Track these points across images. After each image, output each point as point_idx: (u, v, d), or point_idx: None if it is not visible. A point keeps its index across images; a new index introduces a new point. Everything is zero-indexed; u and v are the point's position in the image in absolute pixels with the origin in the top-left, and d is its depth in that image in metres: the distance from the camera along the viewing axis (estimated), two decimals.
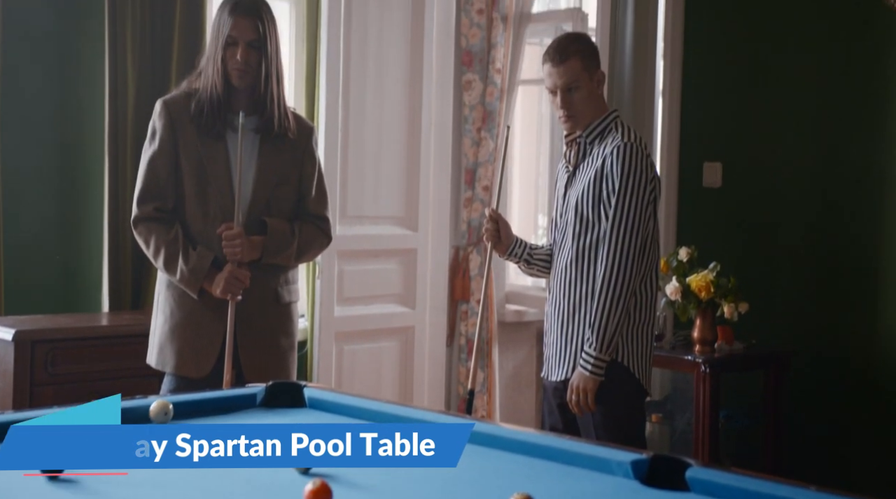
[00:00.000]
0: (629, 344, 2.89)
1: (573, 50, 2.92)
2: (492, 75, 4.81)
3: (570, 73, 2.89)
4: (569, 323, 2.94)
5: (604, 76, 3.00)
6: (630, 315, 2.87)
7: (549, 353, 3.02)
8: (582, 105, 2.92)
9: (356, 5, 4.32)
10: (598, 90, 2.96)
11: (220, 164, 3.01)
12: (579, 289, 2.91)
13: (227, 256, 2.96)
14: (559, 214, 3.03)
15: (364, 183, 4.41)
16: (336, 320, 4.34)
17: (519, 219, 5.57)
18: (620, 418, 2.89)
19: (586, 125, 2.95)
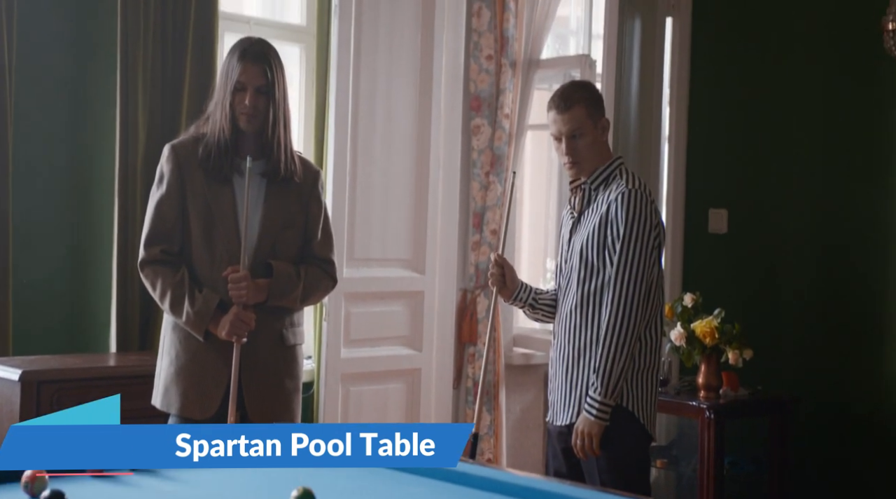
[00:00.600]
0: (634, 389, 2.89)
1: (577, 97, 2.96)
2: (500, 120, 4.85)
3: (575, 121, 2.93)
4: (574, 368, 2.95)
5: (608, 123, 3.03)
6: (635, 360, 2.88)
7: (554, 397, 3.03)
8: (586, 152, 2.95)
9: (365, 49, 4.38)
10: (602, 137, 2.99)
11: (227, 207, 3.04)
12: (584, 334, 2.93)
13: (233, 298, 2.98)
14: (564, 260, 3.05)
15: (372, 226, 4.45)
16: (342, 362, 4.36)
17: (528, 263, 5.59)
18: (625, 463, 2.89)
19: (591, 172, 2.98)
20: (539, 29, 4.90)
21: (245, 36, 3.19)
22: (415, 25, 4.56)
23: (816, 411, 4.07)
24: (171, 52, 3.95)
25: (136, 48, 3.86)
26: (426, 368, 4.66)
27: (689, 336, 3.90)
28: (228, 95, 3.00)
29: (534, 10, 4.89)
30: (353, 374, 4.40)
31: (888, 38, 3.73)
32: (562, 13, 5.34)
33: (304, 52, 4.57)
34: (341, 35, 4.27)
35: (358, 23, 4.34)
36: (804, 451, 4.08)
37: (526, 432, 5.07)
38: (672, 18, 4.33)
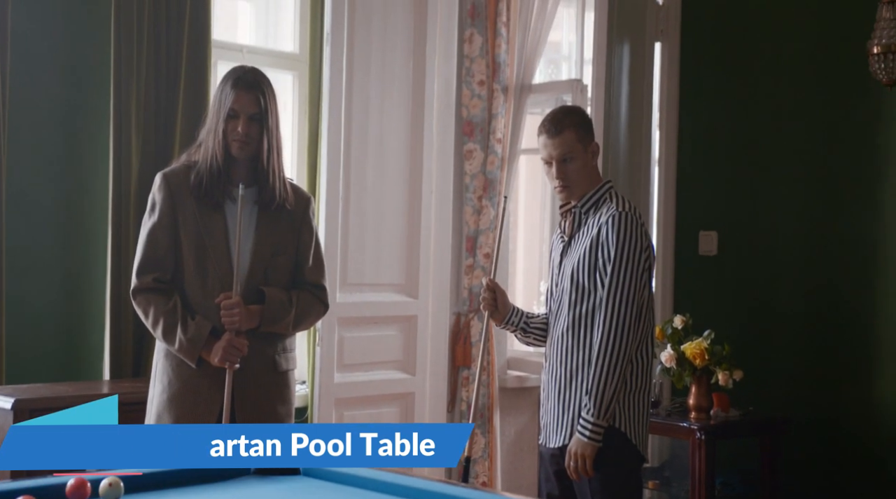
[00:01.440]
0: (626, 410, 2.91)
1: (568, 122, 3.00)
2: (493, 145, 4.88)
3: (565, 145, 2.97)
4: (566, 389, 2.97)
5: (598, 148, 3.06)
6: (626, 382, 2.90)
7: (547, 420, 3.05)
8: (576, 176, 2.98)
9: (358, 76, 4.42)
10: (592, 161, 3.02)
11: (219, 235, 3.07)
12: (576, 356, 2.95)
13: (226, 325, 3.00)
14: (555, 284, 3.08)
15: (365, 250, 4.47)
16: (336, 387, 4.37)
17: (523, 286, 5.61)
18: (618, 484, 2.91)
19: (581, 196, 3.01)
20: (531, 54, 4.94)
21: (238, 64, 3.23)
22: (407, 52, 4.60)
23: (807, 432, 4.08)
24: (164, 80, 3.99)
25: (130, 76, 3.89)
26: (420, 392, 4.67)
27: (679, 358, 3.92)
28: (221, 123, 3.03)
29: (525, 36, 4.93)
30: (347, 398, 4.41)
31: (873, 62, 3.77)
32: (553, 38, 5.38)
33: (296, 79, 4.61)
34: (333, 62, 4.31)
35: (350, 50, 4.38)
36: (795, 471, 4.09)
37: (520, 455, 5.07)
38: (660, 43, 4.37)
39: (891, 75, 3.75)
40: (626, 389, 2.90)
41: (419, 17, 4.62)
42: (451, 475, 4.82)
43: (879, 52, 3.74)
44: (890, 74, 3.75)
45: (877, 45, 3.74)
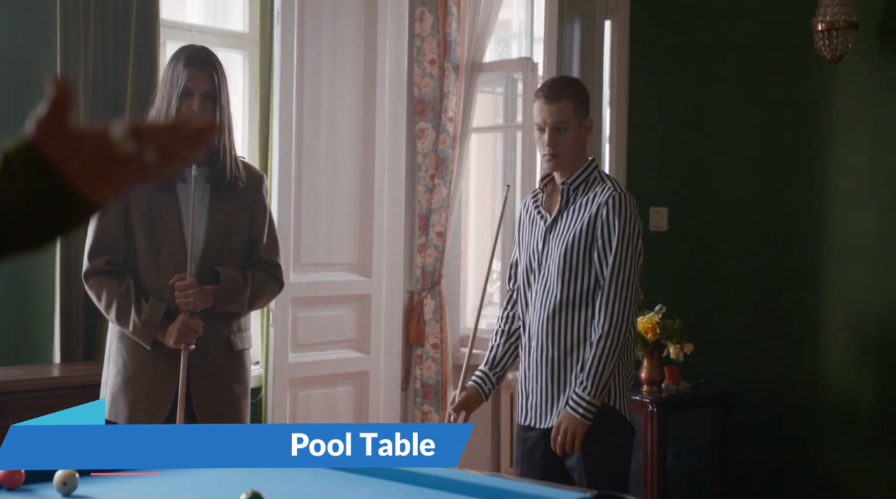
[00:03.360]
0: (619, 386, 2.93)
1: (567, 91, 2.96)
2: (444, 124, 4.89)
3: (562, 113, 2.93)
4: (560, 369, 2.94)
5: (591, 124, 3.04)
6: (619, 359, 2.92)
7: (535, 401, 3.00)
8: (567, 147, 2.94)
9: (309, 55, 4.40)
10: (584, 136, 2.99)
11: (171, 215, 3.06)
12: (571, 334, 2.93)
13: (180, 306, 2.99)
14: (535, 260, 3.02)
15: (318, 230, 4.46)
16: (290, 367, 4.37)
17: (474, 264, 5.63)
18: (613, 458, 2.94)
19: (570, 171, 2.97)
20: (481, 33, 4.96)
21: (187, 44, 3.21)
22: (358, 31, 4.59)
23: (757, 403, 4.16)
24: (112, 61, 3.94)
25: (77, 56, 3.84)
26: (374, 371, 4.69)
27: None
28: (175, 101, 3.01)
29: (476, 14, 4.94)
30: (301, 378, 4.42)
31: (818, 39, 3.83)
32: (504, 17, 5.40)
33: (247, 58, 4.58)
34: (284, 42, 4.28)
35: (301, 29, 4.36)
36: (744, 441, 4.18)
37: (475, 431, 5.11)
38: (610, 22, 4.40)
39: (835, 52, 3.81)
40: (618, 365, 2.92)
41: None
42: None
43: (824, 29, 3.79)
44: (834, 51, 3.81)
45: (821, 23, 3.80)
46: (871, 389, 3.94)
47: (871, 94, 3.92)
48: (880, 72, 3.88)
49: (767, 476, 4.19)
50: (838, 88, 3.98)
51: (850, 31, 3.77)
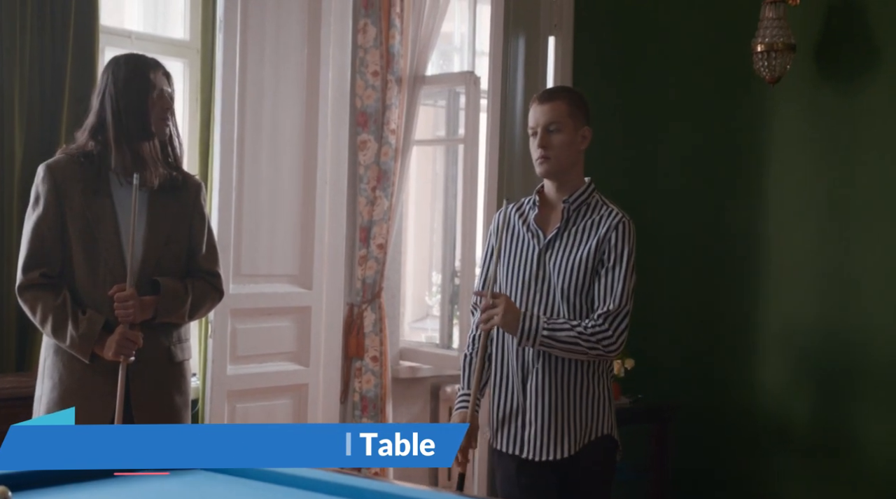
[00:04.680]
0: (613, 415, 2.90)
1: (563, 94, 2.90)
2: (387, 136, 4.88)
3: (554, 113, 2.82)
4: (568, 396, 2.84)
5: (589, 134, 2.90)
6: (608, 386, 2.89)
7: (534, 431, 2.85)
8: (559, 149, 2.82)
9: (251, 64, 4.36)
10: (580, 144, 2.87)
11: (109, 225, 2.99)
12: (576, 363, 2.83)
13: (119, 318, 2.94)
14: (526, 280, 2.87)
15: (258, 241, 4.42)
16: (228, 379, 4.31)
17: (413, 277, 5.63)
18: (609, 484, 2.94)
19: (567, 186, 2.87)
20: (424, 46, 4.97)
21: (129, 52, 3.16)
22: (301, 41, 4.56)
23: (695, 417, 4.22)
24: (49, 67, 3.86)
25: (13, 62, 3.76)
26: (313, 384, 4.65)
27: None
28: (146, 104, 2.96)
29: (419, 27, 4.95)
30: (240, 391, 4.36)
31: (757, 60, 3.90)
32: (446, 30, 5.41)
33: (187, 67, 4.52)
34: (226, 50, 4.24)
35: (243, 38, 4.32)
36: (683, 455, 4.23)
37: None
38: (554, 37, 4.44)
39: (773, 73, 3.89)
40: (609, 392, 2.88)
41: (313, 6, 4.59)
42: None
43: (763, 50, 3.87)
44: (773, 72, 3.89)
45: (760, 44, 3.88)
46: (805, 403, 4.02)
47: (808, 114, 4.01)
48: (817, 92, 3.97)
49: (706, 489, 4.24)
50: (777, 108, 4.07)
51: (788, 53, 3.86)
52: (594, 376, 2.87)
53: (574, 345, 2.76)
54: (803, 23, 3.93)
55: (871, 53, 3.83)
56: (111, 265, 2.98)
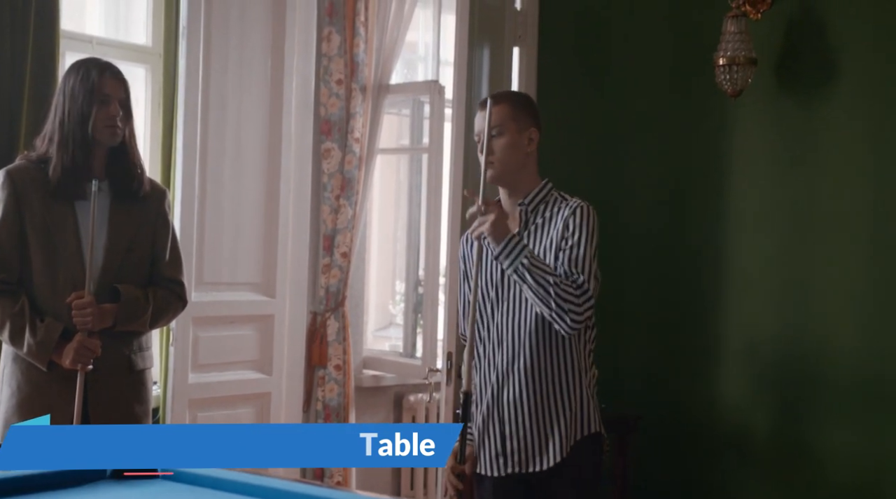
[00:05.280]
0: (595, 409, 2.84)
1: (506, 97, 2.86)
2: (351, 144, 4.88)
3: (496, 117, 2.76)
4: (550, 401, 2.77)
5: (536, 136, 2.84)
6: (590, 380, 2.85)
7: (516, 445, 2.78)
8: (503, 153, 2.76)
9: (215, 71, 4.34)
10: (526, 147, 2.81)
11: (69, 232, 2.97)
12: (559, 362, 2.78)
13: (78, 325, 2.92)
14: (493, 291, 2.82)
15: (221, 249, 4.39)
16: (190, 387, 4.28)
17: (377, 286, 5.62)
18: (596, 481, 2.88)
19: (520, 190, 2.82)
20: (388, 54, 4.97)
21: (86, 57, 3.14)
22: (265, 48, 4.54)
23: (657, 428, 4.24)
24: (8, 72, 3.80)
25: None
26: (276, 392, 4.63)
27: None
28: (89, 108, 2.94)
29: (383, 36, 4.95)
30: (202, 399, 4.33)
31: (719, 73, 3.94)
32: (410, 39, 5.41)
33: (149, 73, 4.48)
34: (189, 57, 4.21)
35: (207, 44, 4.29)
36: (645, 467, 4.25)
37: None
38: (519, 49, 4.45)
39: (735, 86, 3.93)
40: (591, 385, 2.83)
41: (277, 14, 4.57)
42: (306, 475, 4.79)
43: (725, 63, 3.91)
44: (734, 85, 3.93)
45: (722, 58, 3.92)
46: (766, 415, 4.05)
47: (769, 128, 4.05)
48: (777, 106, 4.02)
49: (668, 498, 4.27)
50: (738, 121, 4.11)
51: (749, 67, 3.90)
52: (574, 373, 2.79)
53: (544, 288, 2.64)
54: (764, 37, 3.97)
55: (830, 67, 3.88)
56: (71, 272, 2.95)
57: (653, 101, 4.36)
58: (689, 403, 4.22)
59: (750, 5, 3.98)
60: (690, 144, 4.26)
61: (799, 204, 3.97)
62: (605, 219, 4.46)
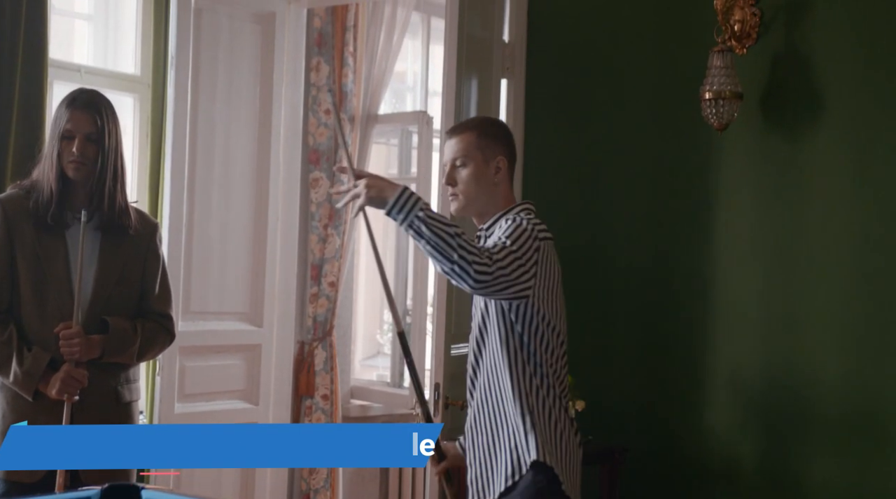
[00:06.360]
0: (540, 437, 2.64)
1: (471, 125, 2.75)
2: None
3: (459, 146, 2.68)
4: (497, 425, 2.68)
5: (504, 164, 2.72)
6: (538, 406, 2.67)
7: (474, 473, 2.72)
8: (467, 185, 2.68)
9: (203, 100, 4.35)
10: (493, 176, 2.69)
11: (59, 262, 2.98)
12: (496, 393, 2.67)
13: (65, 355, 2.92)
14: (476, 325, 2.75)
15: (209, 278, 4.39)
16: (176, 417, 4.26)
17: (365, 314, 5.62)
18: None
19: (480, 214, 2.72)
20: (377, 85, 4.99)
21: (75, 88, 3.15)
22: (253, 78, 4.56)
23: (644, 459, 4.24)
24: None
25: None
26: (263, 421, 4.61)
27: None
28: (56, 144, 2.95)
29: (372, 66, 4.97)
30: None
31: (705, 107, 3.97)
32: (399, 69, 5.44)
33: (138, 102, 4.49)
34: (178, 86, 4.22)
35: (195, 74, 4.31)
36: (632, 497, 4.24)
37: (362, 484, 5.06)
38: (507, 80, 4.48)
39: (721, 120, 3.96)
40: (537, 412, 2.64)
41: (266, 44, 4.60)
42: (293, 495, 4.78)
43: (711, 97, 3.94)
44: (720, 119, 3.96)
45: (708, 91, 3.95)
46: (753, 445, 4.06)
47: (755, 161, 4.08)
48: (763, 140, 4.05)
49: None
50: (724, 155, 4.13)
51: (735, 101, 3.93)
52: (514, 401, 2.64)
53: (444, 240, 2.44)
54: (750, 71, 4.01)
55: (815, 102, 3.91)
56: (60, 302, 2.96)
57: (639, 134, 4.39)
58: (677, 434, 4.22)
59: (735, 40, 4.02)
60: (677, 177, 4.28)
61: (785, 237, 3.99)
62: (592, 250, 4.50)
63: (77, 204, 2.98)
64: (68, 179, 2.98)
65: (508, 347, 2.67)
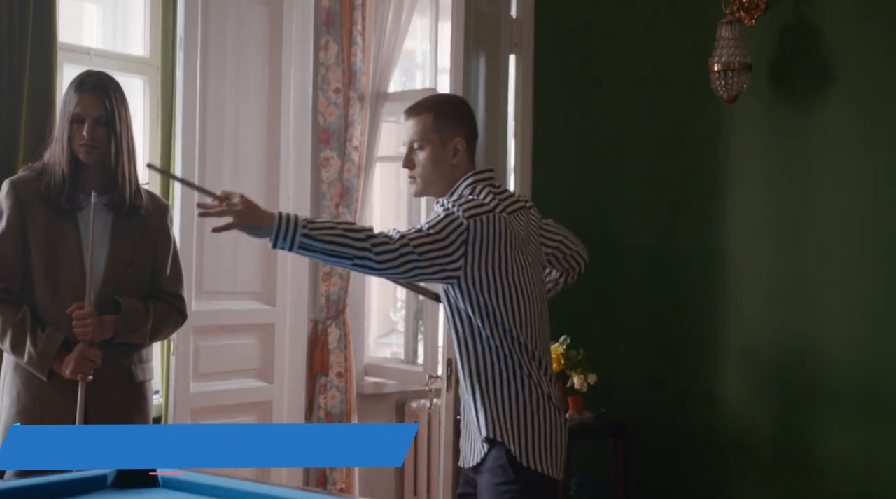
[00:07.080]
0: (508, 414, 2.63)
1: (428, 106, 2.70)
2: (349, 152, 4.89)
3: (416, 129, 2.66)
4: (469, 404, 2.69)
5: (463, 145, 2.69)
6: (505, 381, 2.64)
7: (463, 440, 2.78)
8: (425, 168, 2.67)
9: (212, 81, 4.35)
10: (451, 159, 2.67)
11: (71, 243, 3.00)
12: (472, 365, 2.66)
13: (78, 336, 2.94)
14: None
15: (221, 258, 4.40)
16: (192, 397, 4.29)
17: (378, 292, 5.63)
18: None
19: (439, 194, 2.70)
20: (386, 63, 4.98)
21: (86, 69, 3.16)
22: (262, 58, 4.56)
23: (656, 432, 4.25)
24: (6, 84, 3.82)
25: None
26: (278, 401, 4.64)
27: None
28: (66, 127, 2.97)
29: (381, 45, 4.97)
30: (203, 408, 4.34)
31: (714, 79, 3.96)
32: (408, 47, 5.44)
33: (147, 84, 4.50)
34: (187, 68, 4.23)
35: (204, 55, 4.31)
36: (646, 470, 4.26)
37: None
38: (515, 56, 4.47)
39: (730, 91, 3.95)
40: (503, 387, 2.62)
41: (274, 24, 4.59)
42: (309, 482, 4.81)
43: (720, 69, 3.93)
44: (730, 90, 3.94)
45: (717, 63, 3.93)
46: (766, 417, 4.06)
47: (764, 133, 4.07)
48: (772, 111, 4.03)
49: None
50: (734, 126, 4.12)
51: (744, 73, 3.91)
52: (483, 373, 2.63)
53: (336, 242, 2.44)
54: (759, 43, 3.99)
55: (824, 72, 3.90)
56: (72, 283, 2.98)
57: (649, 107, 4.38)
58: (689, 407, 4.23)
59: (744, 11, 4.00)
60: (686, 149, 4.27)
61: (795, 208, 3.98)
62: (601, 224, 4.50)
63: (88, 186, 3.00)
64: (80, 162, 2.99)
65: (456, 326, 2.66)
